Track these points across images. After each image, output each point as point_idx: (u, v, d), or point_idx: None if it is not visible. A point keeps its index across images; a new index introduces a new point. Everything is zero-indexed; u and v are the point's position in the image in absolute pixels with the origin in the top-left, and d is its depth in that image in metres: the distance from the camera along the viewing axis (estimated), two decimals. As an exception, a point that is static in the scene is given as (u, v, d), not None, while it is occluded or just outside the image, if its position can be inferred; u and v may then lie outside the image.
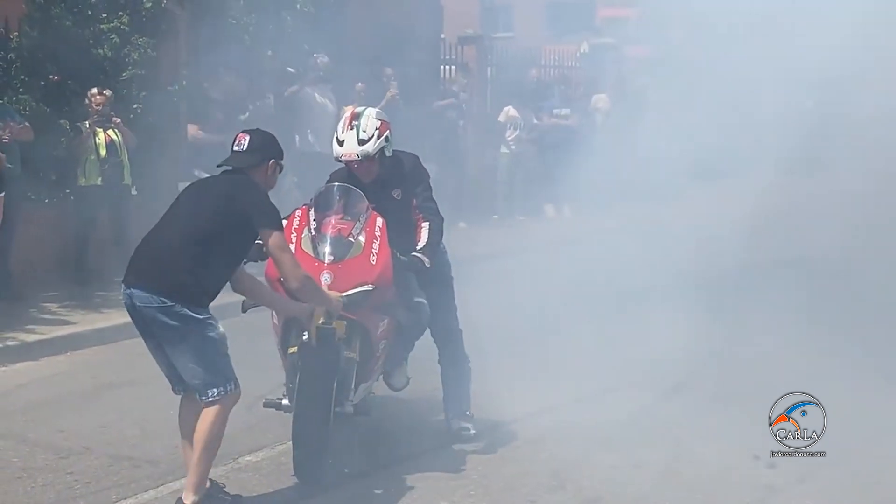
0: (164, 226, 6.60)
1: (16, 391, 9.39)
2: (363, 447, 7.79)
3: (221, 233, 6.44)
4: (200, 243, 6.40)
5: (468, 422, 8.07)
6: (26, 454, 7.72)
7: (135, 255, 6.59)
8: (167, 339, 6.42)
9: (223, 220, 6.45)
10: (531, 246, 16.51)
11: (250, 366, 9.40)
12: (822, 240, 14.20)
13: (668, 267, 15.05)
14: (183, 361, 6.44)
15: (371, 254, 7.25)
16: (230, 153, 6.77)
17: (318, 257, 7.20)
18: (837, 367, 9.35)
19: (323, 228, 7.31)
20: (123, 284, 6.49)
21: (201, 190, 6.75)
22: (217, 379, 6.46)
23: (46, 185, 12.80)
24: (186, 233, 6.43)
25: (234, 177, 6.66)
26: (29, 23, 12.87)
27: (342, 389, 7.10)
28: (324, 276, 7.09)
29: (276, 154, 6.81)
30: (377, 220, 7.40)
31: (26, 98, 12.32)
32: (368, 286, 7.14)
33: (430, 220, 7.65)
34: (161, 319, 6.35)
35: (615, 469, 7.44)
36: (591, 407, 8.74)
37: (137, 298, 6.41)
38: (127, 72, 13.24)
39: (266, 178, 6.74)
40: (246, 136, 6.80)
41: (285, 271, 6.63)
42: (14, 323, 10.99)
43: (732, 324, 11.28)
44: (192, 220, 6.47)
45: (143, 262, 6.49)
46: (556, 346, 10.52)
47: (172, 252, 6.39)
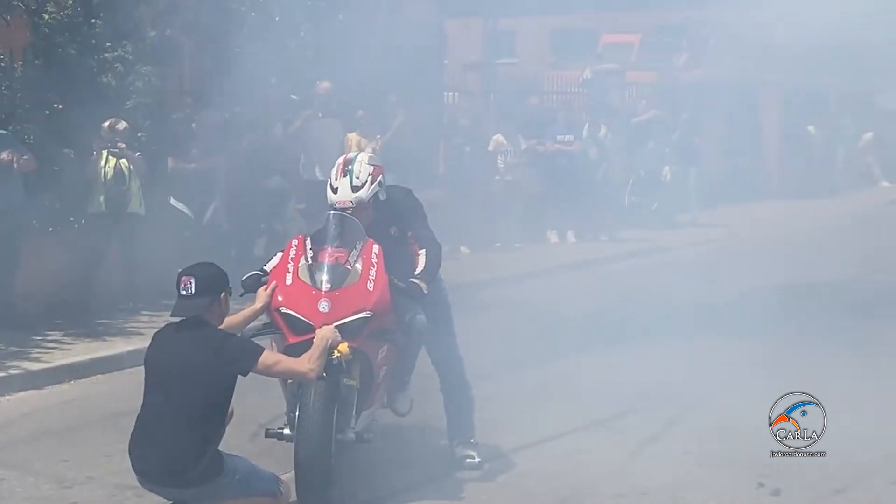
0: (151, 416, 6.50)
1: (20, 420, 9.38)
2: (366, 475, 7.78)
3: (210, 402, 6.44)
4: (201, 423, 6.39)
5: (472, 449, 8.05)
6: (30, 484, 7.71)
7: (136, 450, 6.53)
8: (203, 502, 6.55)
9: (208, 391, 6.41)
10: (532, 272, 16.52)
11: (253, 394, 9.40)
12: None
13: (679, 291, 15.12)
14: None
15: (368, 280, 7.26)
16: (177, 297, 6.55)
17: (315, 285, 7.20)
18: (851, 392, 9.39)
19: (320, 257, 7.31)
20: (138, 475, 6.54)
21: (173, 365, 6.48)
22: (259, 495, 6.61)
23: (51, 213, 12.81)
24: (178, 422, 6.36)
25: (195, 340, 6.46)
26: (33, 52, 12.90)
27: (343, 417, 7.09)
28: (321, 304, 7.09)
29: (224, 286, 6.61)
30: (373, 246, 7.43)
31: (30, 127, 12.33)
32: (366, 313, 7.14)
33: (426, 248, 7.66)
34: (193, 498, 6.49)
35: (621, 497, 7.42)
36: (597, 435, 8.73)
37: (161, 493, 6.54)
38: (131, 100, 13.26)
39: (221, 312, 6.63)
40: (190, 278, 6.50)
41: (295, 374, 6.74)
42: (18, 351, 10.99)
43: (743, 352, 11.29)
44: (179, 407, 6.37)
45: (150, 461, 6.45)
46: (561, 374, 10.52)
47: (174, 449, 6.35)
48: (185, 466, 6.38)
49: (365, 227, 7.51)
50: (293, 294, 7.20)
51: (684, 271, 17.23)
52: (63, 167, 12.63)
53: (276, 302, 7.18)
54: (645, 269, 17.68)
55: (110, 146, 12.62)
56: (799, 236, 21.83)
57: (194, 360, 6.44)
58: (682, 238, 20.85)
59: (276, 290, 7.23)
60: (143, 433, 6.54)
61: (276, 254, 7.69)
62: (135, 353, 10.66)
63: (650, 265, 18.14)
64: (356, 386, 7.22)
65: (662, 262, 18.42)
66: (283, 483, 6.77)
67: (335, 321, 7.06)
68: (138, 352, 9.88)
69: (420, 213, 7.82)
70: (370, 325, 7.19)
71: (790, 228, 23.12)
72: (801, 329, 12.49)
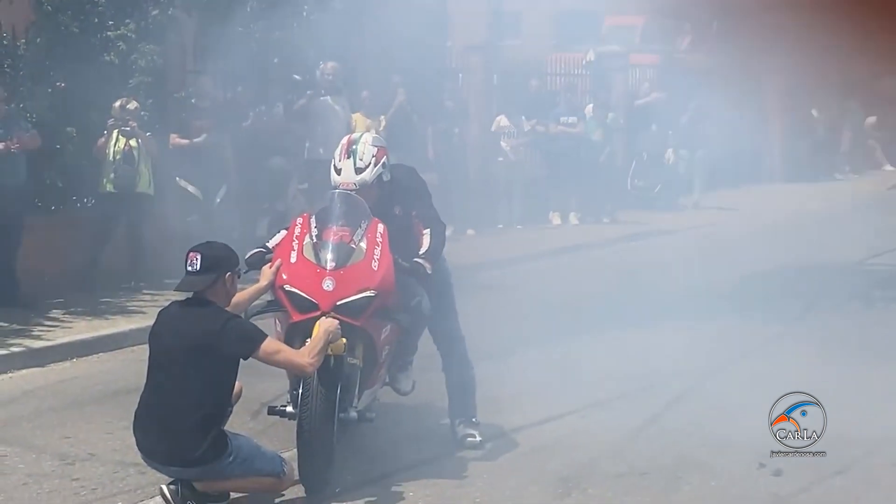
0: (154, 395, 6.56)
1: (22, 398, 9.40)
2: (368, 454, 7.80)
3: (213, 382, 6.50)
4: (200, 405, 6.44)
5: (474, 429, 8.06)
6: (32, 461, 7.72)
7: (140, 429, 6.61)
8: (205, 480, 6.60)
9: (210, 372, 6.47)
10: (534, 254, 16.52)
11: (255, 373, 9.42)
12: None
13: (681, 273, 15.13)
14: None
15: (373, 259, 7.25)
16: (184, 273, 6.63)
17: (319, 264, 7.19)
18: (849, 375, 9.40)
19: (324, 235, 7.30)
20: (143, 455, 6.64)
21: (175, 345, 6.52)
22: (264, 475, 6.70)
23: (53, 192, 12.81)
24: (182, 402, 6.43)
25: (199, 320, 6.52)
26: (36, 30, 12.90)
27: (346, 396, 7.11)
28: (326, 283, 7.09)
29: (231, 266, 6.68)
30: (378, 225, 7.41)
31: (33, 105, 12.33)
32: (370, 292, 7.14)
33: (430, 227, 7.65)
34: (197, 477, 6.54)
35: (621, 477, 7.43)
36: (598, 415, 8.75)
37: (165, 472, 6.61)
38: (134, 79, 13.25)
39: (227, 292, 6.68)
40: (197, 254, 6.58)
41: (295, 366, 6.75)
42: (21, 329, 11.00)
43: (744, 334, 11.30)
44: (182, 387, 6.44)
45: (154, 441, 6.53)
46: (562, 355, 10.53)
47: (178, 428, 6.42)
48: (188, 446, 6.41)
49: (369, 206, 7.50)
50: (298, 272, 7.19)
51: (687, 254, 17.22)
52: (66, 146, 12.62)
53: (281, 280, 7.18)
54: (647, 251, 17.68)
55: (121, 125, 12.61)
56: (802, 219, 21.82)
57: (197, 340, 6.46)
58: (685, 221, 20.86)
59: (280, 268, 7.23)
60: (147, 412, 6.56)
61: (280, 231, 7.69)
62: (137, 331, 10.71)
63: (652, 248, 18.14)
64: (359, 365, 7.22)
65: (665, 245, 18.41)
66: (287, 463, 6.80)
67: (339, 300, 7.07)
68: (140, 330, 9.98)
69: (424, 193, 7.82)
70: (374, 304, 7.19)
71: (793, 211, 23.12)
72: (804, 311, 12.50)
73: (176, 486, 6.51)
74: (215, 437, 6.49)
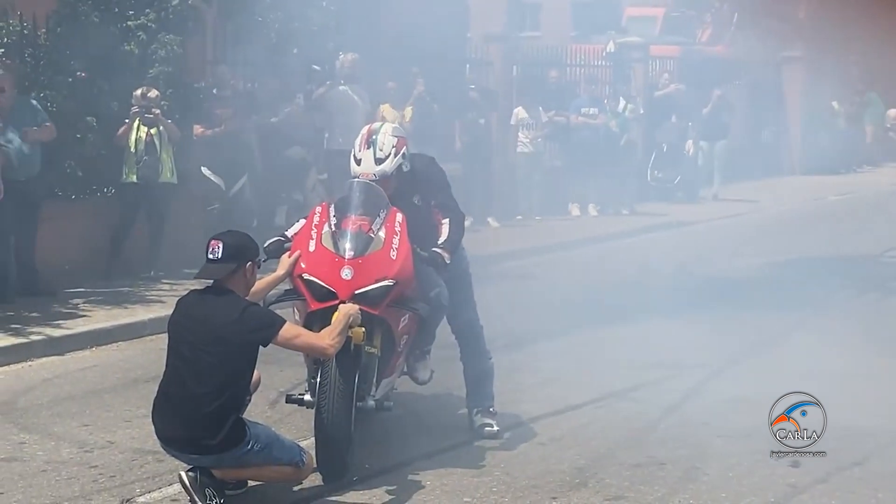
0: (173, 382, 6.57)
1: (41, 385, 9.44)
2: (386, 443, 7.81)
3: (232, 370, 6.51)
4: (222, 393, 6.45)
5: (492, 418, 8.06)
6: (51, 448, 7.75)
7: (158, 415, 6.61)
8: (224, 468, 6.60)
9: (230, 360, 6.48)
10: (552, 245, 16.52)
11: (274, 361, 9.45)
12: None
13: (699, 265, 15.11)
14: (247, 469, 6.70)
15: (391, 248, 7.25)
16: (205, 261, 6.64)
17: (338, 252, 7.19)
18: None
19: (343, 224, 7.30)
20: (161, 442, 6.64)
21: (195, 333, 6.54)
22: (284, 463, 6.67)
23: (73, 181, 12.84)
24: (200, 390, 6.43)
25: (218, 309, 6.54)
26: (56, 19, 12.92)
27: (364, 385, 7.11)
28: (344, 271, 7.09)
29: (251, 255, 6.70)
30: (397, 215, 7.42)
31: (53, 95, 12.35)
32: (389, 281, 7.14)
33: (449, 217, 7.65)
34: (215, 464, 6.54)
35: (639, 467, 7.42)
36: (615, 405, 8.75)
37: (184, 459, 6.60)
38: (154, 69, 13.26)
39: (246, 282, 6.69)
40: (219, 242, 6.60)
41: (314, 350, 6.75)
42: (40, 318, 11.04)
43: (762, 324, 11.29)
44: (201, 375, 6.45)
45: (172, 428, 6.53)
46: (580, 345, 10.53)
47: (196, 416, 6.42)
48: (206, 434, 6.42)
49: (388, 195, 7.51)
50: (316, 261, 7.20)
51: (706, 245, 17.23)
52: (85, 135, 12.65)
53: (299, 269, 7.18)
54: (666, 243, 17.66)
55: (144, 112, 12.62)
56: (821, 211, 21.78)
57: (216, 327, 6.47)
58: (705, 213, 20.83)
59: (299, 256, 7.24)
60: (166, 400, 6.58)
61: (299, 220, 7.70)
62: (155, 320, 10.73)
63: (672, 239, 18.12)
64: (377, 354, 7.23)
65: (684, 236, 18.41)
66: (306, 452, 6.81)
67: (358, 289, 7.06)
68: (159, 319, 10.02)
69: (443, 183, 7.81)
70: (392, 293, 7.18)
71: (813, 204, 23.07)
72: (822, 303, 12.47)
73: (195, 474, 6.52)
74: (233, 424, 6.49)
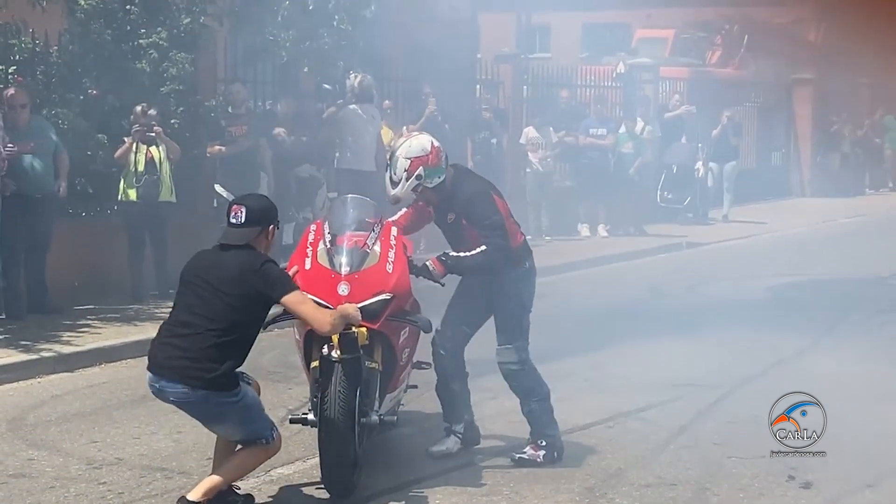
0: (184, 316, 6.59)
1: (50, 402, 9.43)
2: (394, 461, 7.78)
3: (244, 318, 6.53)
4: (227, 333, 6.47)
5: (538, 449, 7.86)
6: (59, 464, 7.74)
7: (159, 346, 6.62)
8: (203, 420, 6.65)
9: (241, 305, 6.51)
10: (562, 266, 16.49)
11: (282, 379, 9.44)
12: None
13: (709, 286, 15.08)
14: (221, 430, 6.71)
15: (387, 262, 7.26)
16: (227, 225, 6.71)
17: (334, 269, 7.19)
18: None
19: (338, 240, 7.31)
20: (150, 373, 6.60)
21: (212, 275, 6.62)
22: (257, 435, 6.66)
23: (84, 198, 12.86)
24: (211, 326, 6.47)
25: (238, 256, 6.60)
26: (68, 37, 12.97)
27: (366, 400, 7.07)
28: (341, 287, 7.08)
29: (273, 218, 6.78)
30: (392, 228, 7.48)
31: (65, 112, 12.37)
32: (386, 294, 7.13)
33: (485, 244, 7.49)
34: (198, 408, 6.54)
35: (649, 487, 7.39)
36: (625, 425, 8.72)
37: (171, 393, 6.55)
38: (165, 87, 13.29)
39: (267, 244, 6.76)
40: (241, 207, 6.68)
41: (312, 321, 6.69)
42: (49, 334, 11.05)
43: (772, 345, 11.26)
44: (215, 313, 6.49)
45: (171, 356, 6.52)
46: (591, 365, 10.50)
47: (201, 348, 6.45)
48: (203, 366, 6.43)
49: (431, 208, 7.68)
50: (312, 278, 7.18)
51: (715, 266, 17.21)
52: (96, 152, 12.67)
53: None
54: (676, 264, 17.65)
55: (145, 130, 12.58)
56: (831, 234, 21.75)
57: (237, 272, 6.54)
58: (715, 234, 20.82)
59: (295, 275, 7.21)
60: (171, 329, 6.61)
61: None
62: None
63: (681, 260, 18.11)
64: (378, 368, 7.20)
65: (694, 257, 18.39)
66: (277, 431, 6.78)
67: (355, 304, 7.04)
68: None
69: (483, 214, 7.56)
70: (390, 306, 7.17)
71: (823, 226, 23.04)
72: (833, 324, 12.45)
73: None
74: (230, 369, 6.49)
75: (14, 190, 11.40)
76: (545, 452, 7.79)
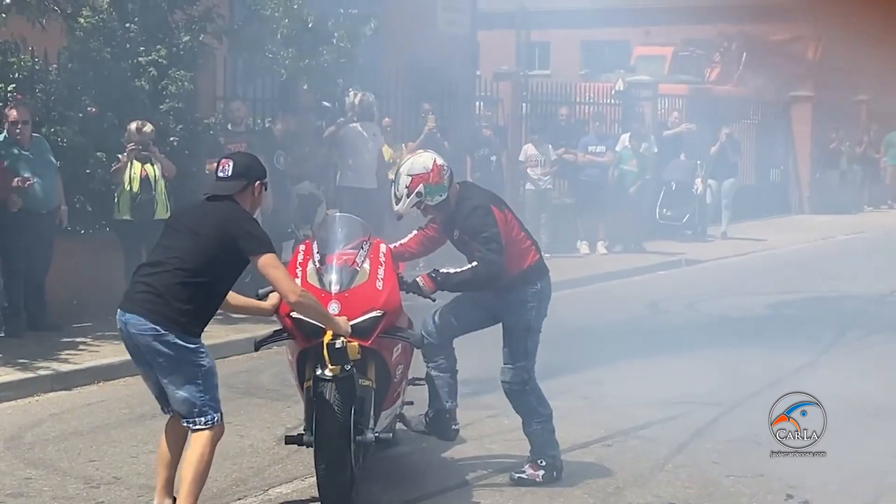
0: (158, 255, 6.68)
1: (48, 420, 9.42)
2: (393, 480, 7.77)
3: (214, 265, 6.55)
4: (195, 275, 6.50)
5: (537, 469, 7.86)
6: (57, 483, 7.73)
7: (131, 283, 6.72)
8: (159, 367, 6.56)
9: (216, 252, 6.54)
10: (561, 283, 16.46)
11: (281, 398, 9.42)
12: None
13: (708, 303, 15.07)
14: (173, 389, 6.57)
15: (377, 279, 7.25)
16: (214, 179, 6.84)
17: (324, 288, 7.17)
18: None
19: (327, 259, 7.31)
20: (119, 310, 6.63)
21: (192, 219, 6.75)
22: (205, 408, 6.57)
23: (83, 216, 12.86)
24: (180, 265, 6.51)
25: (222, 205, 6.71)
26: (68, 55, 12.98)
27: (361, 418, 7.04)
28: (331, 306, 7.05)
29: (260, 175, 6.86)
30: (381, 245, 7.49)
31: (64, 130, 12.38)
32: (377, 312, 7.12)
33: (476, 261, 7.47)
34: (154, 347, 6.48)
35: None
36: (624, 444, 8.70)
37: (132, 326, 6.53)
38: (164, 104, 13.30)
39: (253, 201, 6.84)
40: (229, 161, 6.82)
41: (281, 287, 6.63)
42: (48, 353, 11.05)
43: (771, 364, 11.24)
44: (186, 253, 6.55)
45: (138, 290, 6.58)
46: (589, 383, 10.49)
47: (167, 284, 6.49)
48: (164, 302, 6.45)
49: (440, 222, 7.72)
50: None
51: (715, 283, 17.20)
52: (95, 170, 12.67)
53: (286, 307, 7.02)
54: (675, 281, 17.64)
55: (141, 148, 12.56)
56: (830, 251, 21.74)
57: (220, 218, 6.62)
58: (714, 251, 20.81)
59: None
60: (146, 267, 6.68)
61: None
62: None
63: (680, 277, 18.10)
64: (372, 386, 7.17)
65: (693, 274, 18.38)
66: (223, 417, 6.68)
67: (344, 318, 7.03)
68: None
69: (479, 230, 7.51)
70: (382, 323, 7.15)
71: (822, 243, 23.04)
72: (833, 342, 12.44)
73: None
74: (192, 312, 6.49)
75: (21, 206, 11.48)
76: (544, 472, 7.78)
